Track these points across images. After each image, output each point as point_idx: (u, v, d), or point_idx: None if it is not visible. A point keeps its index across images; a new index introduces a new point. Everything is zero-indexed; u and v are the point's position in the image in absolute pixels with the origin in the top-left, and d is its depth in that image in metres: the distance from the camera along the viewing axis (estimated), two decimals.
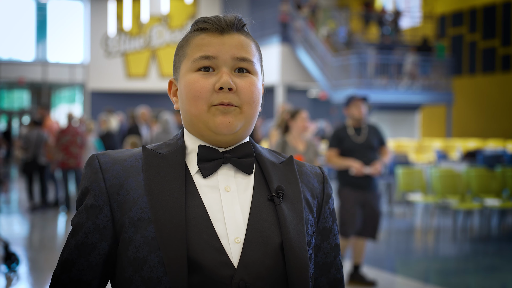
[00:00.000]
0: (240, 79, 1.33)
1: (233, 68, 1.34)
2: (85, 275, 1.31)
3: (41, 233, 8.90)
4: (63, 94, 26.70)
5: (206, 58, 1.33)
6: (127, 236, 1.29)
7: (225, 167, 1.36)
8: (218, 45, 1.33)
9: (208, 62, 1.33)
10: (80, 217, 1.32)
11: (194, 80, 1.32)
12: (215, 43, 1.33)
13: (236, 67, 1.34)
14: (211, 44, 1.33)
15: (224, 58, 1.33)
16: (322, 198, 1.43)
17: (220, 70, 1.32)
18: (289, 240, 1.30)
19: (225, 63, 1.33)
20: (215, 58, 1.33)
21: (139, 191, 1.30)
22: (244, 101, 1.32)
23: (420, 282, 6.24)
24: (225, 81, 1.30)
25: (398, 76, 18.14)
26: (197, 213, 1.29)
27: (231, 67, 1.33)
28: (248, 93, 1.33)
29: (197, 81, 1.32)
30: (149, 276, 1.25)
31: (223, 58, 1.33)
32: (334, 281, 1.44)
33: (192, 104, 1.32)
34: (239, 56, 1.33)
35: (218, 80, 1.31)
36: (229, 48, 1.33)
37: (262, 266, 1.28)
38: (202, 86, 1.31)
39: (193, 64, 1.33)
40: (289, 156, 1.45)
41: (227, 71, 1.32)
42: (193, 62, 1.33)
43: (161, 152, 1.36)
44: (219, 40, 1.34)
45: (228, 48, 1.33)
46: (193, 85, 1.32)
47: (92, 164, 1.34)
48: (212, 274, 1.25)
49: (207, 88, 1.31)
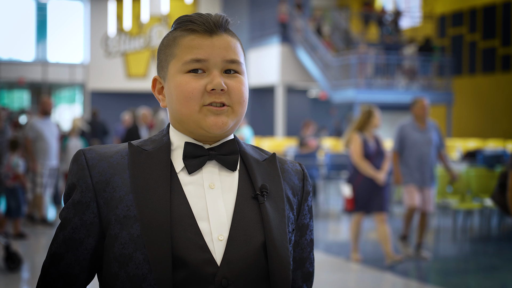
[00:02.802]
0: (230, 79, 1.37)
1: (222, 70, 1.38)
2: (72, 269, 1.34)
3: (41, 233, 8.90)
4: (63, 94, 26.70)
5: (198, 61, 1.36)
6: (113, 232, 1.32)
7: (209, 164, 1.39)
8: (209, 47, 1.37)
9: (199, 65, 1.36)
10: (68, 212, 1.35)
11: (185, 82, 1.36)
12: (205, 45, 1.37)
13: (226, 68, 1.38)
14: (201, 47, 1.36)
15: (215, 61, 1.37)
16: (301, 196, 1.48)
17: (211, 72, 1.36)
18: (272, 239, 1.34)
19: (215, 65, 1.37)
20: (206, 61, 1.36)
21: (125, 188, 1.33)
22: (235, 100, 1.37)
23: (420, 282, 6.25)
24: (217, 83, 1.34)
25: (398, 76, 18.13)
26: (182, 211, 1.32)
27: (221, 69, 1.37)
28: (239, 93, 1.37)
29: (188, 83, 1.35)
30: (134, 272, 1.29)
31: (214, 60, 1.36)
32: (307, 274, 1.50)
33: (183, 104, 1.36)
34: (229, 58, 1.38)
35: (210, 82, 1.35)
36: (219, 51, 1.37)
37: (245, 264, 1.31)
38: (194, 87, 1.35)
39: (184, 66, 1.37)
40: (272, 154, 1.49)
41: (218, 73, 1.36)
42: (183, 64, 1.37)
43: (147, 149, 1.39)
44: (209, 42, 1.37)
45: (218, 51, 1.37)
46: (185, 86, 1.35)
47: (79, 160, 1.36)
48: (196, 271, 1.29)
49: (199, 90, 1.35)
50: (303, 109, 22.56)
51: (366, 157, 6.73)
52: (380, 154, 6.81)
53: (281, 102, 20.00)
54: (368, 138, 6.79)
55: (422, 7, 21.76)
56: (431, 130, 7.13)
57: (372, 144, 6.78)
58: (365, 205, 6.74)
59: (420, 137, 7.04)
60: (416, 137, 7.04)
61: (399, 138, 7.11)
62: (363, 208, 6.77)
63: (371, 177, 6.68)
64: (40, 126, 8.89)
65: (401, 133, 7.09)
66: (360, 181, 6.72)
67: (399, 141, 7.10)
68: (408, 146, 7.04)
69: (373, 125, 6.75)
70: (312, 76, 19.41)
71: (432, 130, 7.13)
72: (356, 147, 6.70)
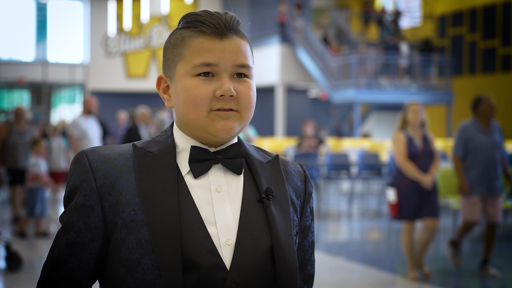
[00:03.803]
0: (239, 84, 1.34)
1: (232, 74, 1.34)
2: (76, 274, 1.31)
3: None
4: (63, 94, 26.71)
5: (207, 65, 1.33)
6: (119, 237, 1.29)
7: (215, 168, 1.37)
8: (219, 51, 1.33)
9: (208, 69, 1.33)
10: (70, 216, 1.32)
11: (193, 86, 1.32)
12: (215, 49, 1.33)
13: (235, 72, 1.35)
14: (211, 50, 1.33)
15: (225, 66, 1.33)
16: (304, 198, 1.47)
17: (220, 76, 1.33)
18: (279, 243, 1.32)
19: (225, 70, 1.33)
20: (216, 65, 1.33)
21: (131, 192, 1.30)
22: (243, 106, 1.34)
23: (420, 282, 6.25)
24: (227, 88, 1.31)
25: (398, 75, 18.13)
26: (190, 215, 1.30)
27: (230, 73, 1.34)
28: (247, 99, 1.35)
29: (197, 87, 1.32)
30: (142, 278, 1.26)
31: (224, 65, 1.33)
32: (308, 276, 1.49)
33: (191, 109, 1.33)
34: (239, 63, 1.34)
35: (219, 87, 1.32)
36: (230, 55, 1.33)
37: (253, 268, 1.30)
38: (203, 92, 1.32)
39: (193, 69, 1.33)
40: (275, 155, 1.47)
41: (227, 78, 1.33)
42: (192, 67, 1.33)
43: (151, 151, 1.36)
44: (219, 45, 1.33)
45: (228, 55, 1.33)
46: (193, 90, 1.32)
47: (81, 162, 1.33)
48: (206, 276, 1.27)
49: (208, 95, 1.32)
50: (303, 109, 22.57)
51: (411, 158, 6.07)
52: (428, 154, 6.12)
53: (281, 102, 20.01)
54: (414, 137, 6.13)
55: (422, 7, 21.76)
56: (495, 131, 6.38)
57: (418, 143, 6.12)
58: (412, 211, 6.07)
59: (485, 140, 6.26)
60: (480, 139, 6.27)
61: (462, 141, 6.30)
62: (410, 215, 6.09)
63: (416, 180, 6.02)
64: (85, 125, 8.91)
65: (464, 135, 6.30)
66: (405, 184, 6.07)
67: (462, 144, 6.29)
68: (472, 150, 6.26)
69: (409, 121, 6.15)
70: (312, 76, 19.41)
71: (496, 132, 6.38)
72: (400, 146, 6.10)
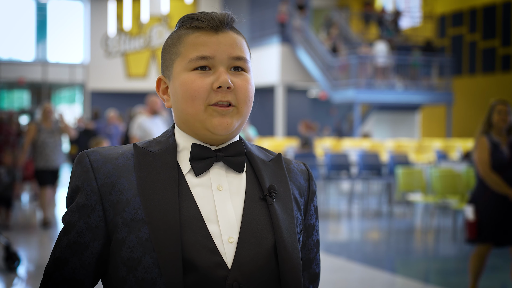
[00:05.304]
0: (236, 77, 1.34)
1: (229, 67, 1.35)
2: (78, 274, 1.31)
3: (42, 233, 8.90)
4: (63, 94, 26.72)
5: (203, 58, 1.33)
6: (120, 236, 1.29)
7: (216, 166, 1.36)
8: (214, 44, 1.34)
9: (205, 62, 1.33)
10: (72, 216, 1.32)
11: (191, 80, 1.33)
12: (211, 42, 1.34)
13: (232, 65, 1.35)
14: (207, 44, 1.34)
15: (221, 58, 1.33)
16: (308, 196, 1.46)
17: (217, 69, 1.33)
18: (282, 241, 1.32)
19: (221, 62, 1.34)
20: (212, 58, 1.33)
21: (132, 191, 1.30)
22: (241, 99, 1.34)
23: (420, 282, 6.25)
24: (224, 80, 1.31)
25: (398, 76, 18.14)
26: (191, 214, 1.29)
27: (227, 66, 1.34)
28: (245, 92, 1.34)
29: (194, 81, 1.32)
30: (143, 277, 1.26)
31: (220, 57, 1.33)
32: (314, 275, 1.50)
33: (189, 103, 1.33)
34: (235, 55, 1.35)
35: (216, 80, 1.32)
36: (225, 48, 1.34)
37: (256, 266, 1.29)
38: (200, 85, 1.32)
39: (189, 63, 1.34)
40: (278, 154, 1.47)
41: (224, 70, 1.33)
42: (189, 62, 1.34)
43: (152, 151, 1.36)
44: (214, 39, 1.34)
45: (224, 48, 1.34)
46: (190, 84, 1.32)
47: (83, 162, 1.33)
48: (207, 275, 1.26)
49: (205, 88, 1.32)
50: (303, 109, 22.57)
51: (496, 168, 5.01)
52: None
53: (281, 102, 20.01)
54: (500, 142, 5.04)
55: (422, 7, 21.76)
56: None
57: (505, 149, 5.04)
58: (493, 233, 5.01)
59: None
60: None
61: None
62: (491, 238, 5.03)
63: (502, 194, 4.98)
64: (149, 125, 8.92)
65: None
66: (487, 199, 5.02)
67: None
68: None
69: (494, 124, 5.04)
70: (312, 76, 19.42)
71: None
72: (483, 154, 4.99)
